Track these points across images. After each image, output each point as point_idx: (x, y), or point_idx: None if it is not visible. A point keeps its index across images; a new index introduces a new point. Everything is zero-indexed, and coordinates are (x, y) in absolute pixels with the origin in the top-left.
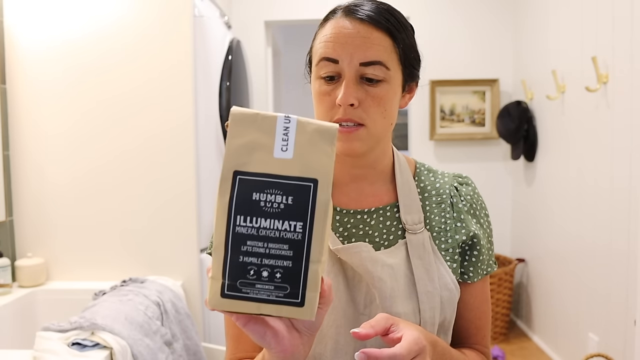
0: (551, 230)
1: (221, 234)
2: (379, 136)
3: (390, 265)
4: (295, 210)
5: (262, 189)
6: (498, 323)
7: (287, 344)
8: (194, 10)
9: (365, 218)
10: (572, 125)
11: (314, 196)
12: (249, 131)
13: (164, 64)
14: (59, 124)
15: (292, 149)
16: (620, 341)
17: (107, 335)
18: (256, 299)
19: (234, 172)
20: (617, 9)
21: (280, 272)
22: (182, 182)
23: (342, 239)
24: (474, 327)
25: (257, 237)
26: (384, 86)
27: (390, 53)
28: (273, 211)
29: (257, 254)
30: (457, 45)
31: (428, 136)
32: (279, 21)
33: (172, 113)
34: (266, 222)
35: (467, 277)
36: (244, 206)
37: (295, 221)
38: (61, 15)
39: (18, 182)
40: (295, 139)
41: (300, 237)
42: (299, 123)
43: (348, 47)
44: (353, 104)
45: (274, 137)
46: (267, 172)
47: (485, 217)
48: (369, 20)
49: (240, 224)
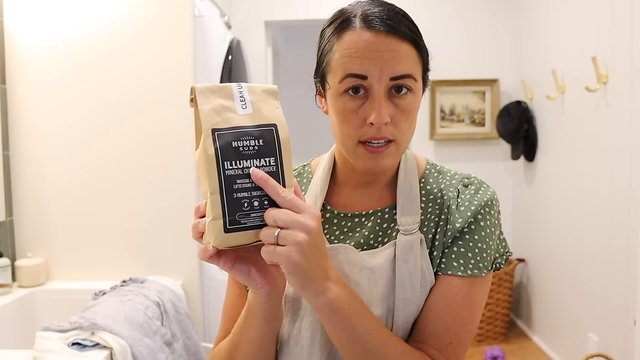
0: (551, 230)
1: (214, 180)
2: (405, 148)
3: (371, 268)
4: (267, 149)
5: (239, 138)
6: (498, 323)
7: (271, 277)
8: (194, 10)
9: (363, 220)
10: (572, 125)
11: (277, 136)
12: (213, 98)
13: (164, 64)
14: (59, 123)
15: (250, 106)
16: (620, 341)
17: (107, 335)
18: (253, 227)
19: (212, 130)
20: (617, 9)
21: (266, 199)
22: (182, 182)
23: (337, 242)
24: (443, 326)
25: (243, 175)
26: (411, 98)
27: (417, 64)
28: (250, 153)
29: (246, 189)
30: (457, 45)
31: (428, 136)
32: (279, 21)
33: (172, 113)
34: (247, 162)
35: (443, 267)
36: (228, 154)
37: (269, 157)
38: (61, 15)
39: (18, 182)
40: (250, 99)
41: (275, 169)
42: (248, 87)
43: (377, 62)
44: (386, 122)
45: (233, 100)
46: (238, 125)
47: (490, 218)
48: (394, 32)
49: (228, 167)
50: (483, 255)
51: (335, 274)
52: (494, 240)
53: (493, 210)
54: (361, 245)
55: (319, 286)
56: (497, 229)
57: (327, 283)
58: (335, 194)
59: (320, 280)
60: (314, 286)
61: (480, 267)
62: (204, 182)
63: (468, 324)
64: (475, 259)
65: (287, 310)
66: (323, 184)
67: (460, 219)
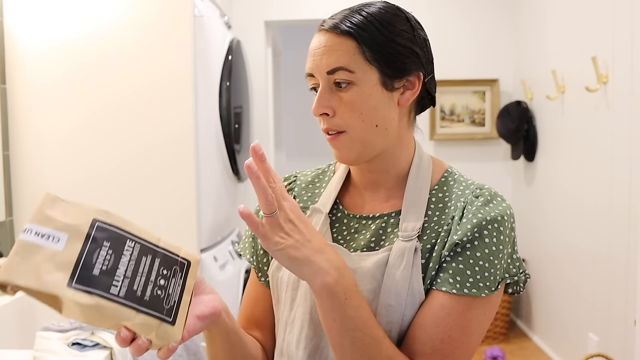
0: (551, 229)
1: (123, 312)
2: (365, 140)
3: (354, 269)
4: (117, 242)
5: (91, 264)
6: (498, 323)
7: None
8: (194, 10)
9: (369, 223)
10: (572, 125)
11: (108, 224)
12: (25, 268)
13: (163, 65)
14: (59, 124)
15: (59, 234)
16: (620, 341)
17: (107, 335)
18: (179, 294)
19: (69, 286)
20: (617, 9)
21: (162, 270)
22: (182, 182)
23: (343, 242)
24: (430, 347)
25: (134, 274)
26: (353, 90)
27: (353, 55)
28: (113, 260)
29: (143, 283)
30: (457, 45)
31: (428, 136)
32: (279, 21)
33: (172, 113)
34: (120, 267)
35: (439, 282)
36: (102, 283)
37: (125, 245)
38: (61, 15)
39: (18, 182)
40: (49, 229)
41: (139, 244)
42: (37, 221)
43: (316, 60)
44: (328, 114)
45: (42, 246)
46: (76, 260)
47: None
48: (330, 29)
49: (118, 291)
50: (484, 274)
51: (336, 259)
52: (502, 259)
53: (503, 227)
54: (362, 247)
55: (314, 267)
56: (506, 247)
57: (323, 264)
58: (349, 193)
59: (314, 261)
60: (307, 267)
61: (480, 287)
62: (109, 322)
63: (460, 348)
64: (475, 277)
65: (287, 298)
66: (337, 183)
67: (460, 231)
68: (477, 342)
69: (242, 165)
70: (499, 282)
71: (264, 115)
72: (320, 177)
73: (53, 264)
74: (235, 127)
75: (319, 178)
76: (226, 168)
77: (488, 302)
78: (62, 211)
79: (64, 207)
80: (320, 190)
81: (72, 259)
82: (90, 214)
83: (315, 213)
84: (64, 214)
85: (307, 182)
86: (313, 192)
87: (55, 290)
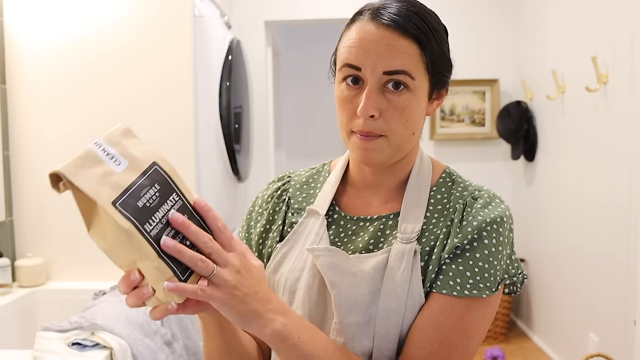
0: (551, 229)
1: (146, 249)
2: (400, 147)
3: (354, 273)
4: (165, 190)
5: (138, 195)
6: (498, 323)
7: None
8: (194, 10)
9: (367, 225)
10: (572, 125)
11: (164, 171)
12: (84, 172)
13: (164, 65)
14: (59, 124)
15: (122, 159)
16: (620, 341)
17: (107, 335)
18: None
19: (113, 203)
20: (617, 9)
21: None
22: None
23: (340, 245)
24: (429, 350)
25: (167, 224)
26: (407, 96)
27: (417, 62)
28: (156, 202)
29: (173, 237)
30: (457, 45)
31: (428, 136)
32: (279, 21)
33: (172, 113)
34: (159, 212)
35: (439, 284)
36: (141, 216)
37: (170, 195)
38: (61, 16)
39: (18, 182)
40: (116, 151)
41: (181, 201)
42: (107, 141)
43: (372, 55)
44: (373, 115)
45: (104, 162)
46: (128, 184)
47: (497, 236)
48: (395, 26)
49: (150, 229)
50: (484, 275)
51: (280, 305)
52: (501, 260)
53: (502, 228)
54: (360, 249)
55: (262, 320)
56: (505, 249)
57: (269, 315)
58: (346, 194)
59: (262, 313)
60: (256, 320)
61: (481, 288)
62: (128, 255)
63: (459, 351)
64: (475, 278)
65: (284, 300)
66: (334, 184)
67: (460, 234)
68: (477, 343)
69: (242, 165)
70: (499, 282)
71: (264, 115)
72: (315, 177)
73: (107, 181)
74: (235, 127)
75: (313, 178)
76: (226, 168)
77: (488, 303)
78: (131, 143)
79: (135, 141)
80: (316, 191)
81: (125, 184)
82: (153, 156)
83: (311, 215)
84: (132, 146)
85: (301, 183)
86: (308, 192)
87: (101, 201)
